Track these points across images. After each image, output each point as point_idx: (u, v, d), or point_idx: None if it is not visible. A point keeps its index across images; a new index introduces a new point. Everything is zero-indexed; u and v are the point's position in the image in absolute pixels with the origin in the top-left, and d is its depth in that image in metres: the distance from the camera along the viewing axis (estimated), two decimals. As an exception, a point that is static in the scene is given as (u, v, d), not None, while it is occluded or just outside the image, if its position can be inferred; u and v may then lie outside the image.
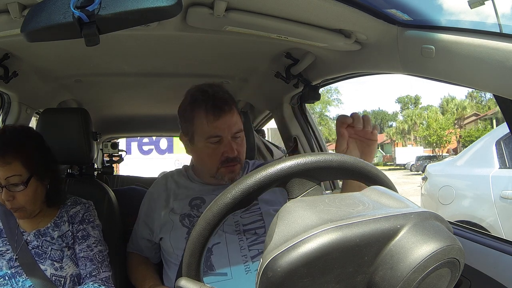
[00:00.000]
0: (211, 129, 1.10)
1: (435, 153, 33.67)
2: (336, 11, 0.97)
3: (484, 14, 0.86)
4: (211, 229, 0.52)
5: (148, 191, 1.29)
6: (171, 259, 1.15)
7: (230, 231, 1.11)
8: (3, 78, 1.38)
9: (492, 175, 2.97)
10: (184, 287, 0.51)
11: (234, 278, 1.05)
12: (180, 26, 1.09)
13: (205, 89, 1.15)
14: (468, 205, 3.13)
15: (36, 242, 1.15)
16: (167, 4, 0.58)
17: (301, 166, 0.52)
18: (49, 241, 1.15)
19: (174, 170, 1.33)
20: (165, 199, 1.21)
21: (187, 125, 1.16)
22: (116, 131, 3.19)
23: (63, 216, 1.20)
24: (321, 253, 0.40)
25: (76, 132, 1.40)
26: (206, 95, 1.13)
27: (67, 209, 1.21)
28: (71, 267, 1.15)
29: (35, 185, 1.11)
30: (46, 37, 0.65)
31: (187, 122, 1.16)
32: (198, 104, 1.12)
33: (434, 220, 0.45)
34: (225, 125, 1.11)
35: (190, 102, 1.15)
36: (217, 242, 1.09)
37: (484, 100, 41.43)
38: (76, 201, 1.25)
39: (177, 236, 1.13)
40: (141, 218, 1.26)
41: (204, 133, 1.12)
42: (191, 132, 1.15)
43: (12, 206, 1.09)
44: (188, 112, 1.15)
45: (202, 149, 1.14)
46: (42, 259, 1.13)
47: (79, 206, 1.23)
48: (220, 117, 1.10)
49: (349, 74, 1.47)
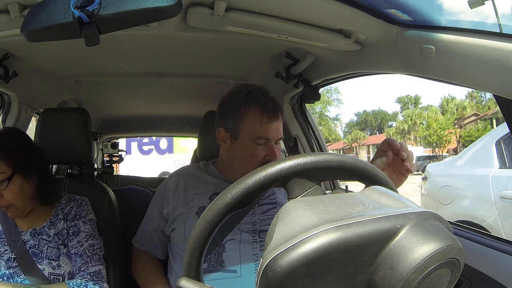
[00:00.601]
0: (262, 131, 1.11)
1: (435, 153, 33.67)
2: (336, 11, 0.97)
3: (484, 14, 0.86)
4: (211, 229, 0.51)
5: (164, 183, 1.26)
6: (179, 251, 1.15)
7: (246, 230, 1.12)
8: (3, 78, 1.38)
9: (492, 175, 2.97)
10: (184, 287, 0.51)
11: (243, 276, 1.07)
12: (180, 26, 1.09)
13: (263, 89, 1.16)
14: (468, 205, 3.13)
15: (33, 241, 1.16)
16: (167, 4, 0.58)
17: (301, 166, 0.52)
18: (45, 239, 1.17)
19: (191, 165, 1.33)
20: (182, 192, 1.20)
21: (233, 121, 1.14)
22: (116, 131, 3.19)
23: (58, 214, 1.21)
24: (321, 253, 0.40)
25: (76, 132, 1.40)
26: (264, 96, 1.13)
27: (62, 207, 1.23)
28: (68, 265, 1.16)
29: (19, 181, 1.12)
30: (46, 37, 0.65)
31: (234, 118, 1.13)
32: (254, 103, 1.12)
33: (434, 220, 0.45)
34: (275, 129, 1.13)
35: (243, 100, 1.13)
36: (231, 238, 1.10)
37: (484, 100, 41.45)
38: (71, 198, 1.26)
39: (191, 227, 1.13)
40: (155, 210, 1.23)
41: (253, 133, 1.11)
42: (237, 129, 1.13)
43: (1, 205, 1.11)
44: (241, 109, 1.13)
45: (246, 148, 1.13)
46: (39, 258, 1.14)
47: (72, 203, 1.24)
48: (273, 121, 1.12)
49: (349, 74, 1.47)
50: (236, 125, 1.13)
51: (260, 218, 1.15)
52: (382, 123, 59.08)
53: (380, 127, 59.92)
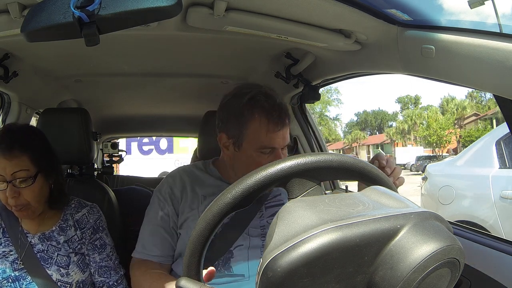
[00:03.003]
0: (268, 140, 1.03)
1: (435, 153, 33.67)
2: (336, 11, 0.97)
3: (484, 14, 0.86)
4: (211, 229, 0.52)
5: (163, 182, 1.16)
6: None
7: (256, 234, 1.09)
8: (3, 78, 1.38)
9: (492, 175, 2.97)
10: (184, 287, 0.51)
11: (250, 280, 1.04)
12: (180, 26, 1.09)
13: (268, 93, 1.06)
14: (468, 205, 3.13)
15: (41, 246, 1.12)
16: (167, 4, 0.58)
17: (301, 166, 0.52)
18: (55, 245, 1.13)
19: (189, 166, 1.23)
20: (188, 194, 1.11)
21: (236, 127, 1.04)
22: (116, 131, 3.19)
23: (67, 219, 1.18)
24: (321, 253, 0.40)
25: (76, 132, 1.40)
26: (270, 102, 1.04)
27: (72, 212, 1.19)
28: (78, 274, 1.14)
29: (41, 182, 1.09)
30: (46, 37, 0.65)
31: (237, 124, 1.04)
32: (258, 110, 1.03)
33: (434, 220, 0.45)
34: (281, 137, 1.05)
35: (248, 104, 1.03)
36: (239, 245, 1.07)
37: (484, 100, 41.49)
38: (81, 204, 1.22)
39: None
40: (169, 198, 1.11)
41: (258, 142, 1.04)
42: (240, 137, 1.04)
43: (17, 203, 1.05)
44: (245, 115, 1.03)
45: (250, 157, 1.05)
46: (48, 264, 1.11)
47: (85, 210, 1.21)
48: (280, 129, 1.04)
49: (349, 74, 1.47)
50: (239, 133, 1.05)
51: (268, 221, 1.11)
52: (382, 123, 59.11)
53: (380, 127, 59.97)
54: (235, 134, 1.06)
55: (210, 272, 0.70)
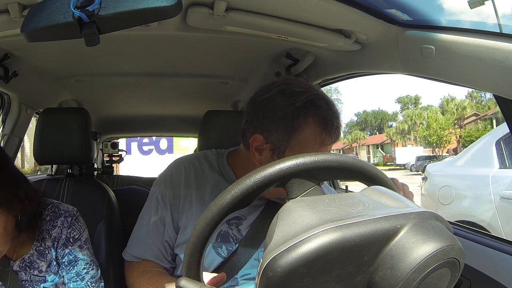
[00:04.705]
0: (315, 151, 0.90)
1: (435, 153, 33.69)
2: (336, 11, 0.97)
3: (484, 14, 0.86)
4: (210, 229, 0.51)
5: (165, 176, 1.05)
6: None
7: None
8: (3, 78, 1.38)
9: (492, 175, 2.97)
10: (184, 287, 0.51)
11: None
12: (180, 26, 1.09)
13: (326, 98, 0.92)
14: (468, 205, 3.13)
15: (24, 275, 0.98)
16: (167, 4, 0.58)
17: (301, 166, 0.52)
18: (37, 275, 0.99)
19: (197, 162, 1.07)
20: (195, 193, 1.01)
21: (283, 133, 0.89)
22: (116, 131, 3.19)
23: (44, 238, 1.00)
24: (321, 253, 0.40)
25: (76, 132, 1.40)
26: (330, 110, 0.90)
27: (48, 228, 1.01)
28: None
29: (3, 221, 0.86)
30: (46, 37, 0.65)
31: (285, 130, 0.89)
32: (314, 117, 0.88)
33: (434, 220, 0.45)
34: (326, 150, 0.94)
35: (302, 110, 0.88)
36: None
37: (484, 100, 41.50)
38: (56, 213, 1.03)
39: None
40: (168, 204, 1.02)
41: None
42: (285, 145, 0.89)
43: None
44: (298, 121, 0.88)
45: None
46: None
47: (59, 221, 1.02)
48: (332, 143, 0.92)
49: (349, 74, 1.47)
50: (285, 140, 0.89)
51: None
52: (382, 123, 59.10)
53: (380, 127, 59.98)
54: (279, 140, 0.90)
55: (220, 277, 0.70)
